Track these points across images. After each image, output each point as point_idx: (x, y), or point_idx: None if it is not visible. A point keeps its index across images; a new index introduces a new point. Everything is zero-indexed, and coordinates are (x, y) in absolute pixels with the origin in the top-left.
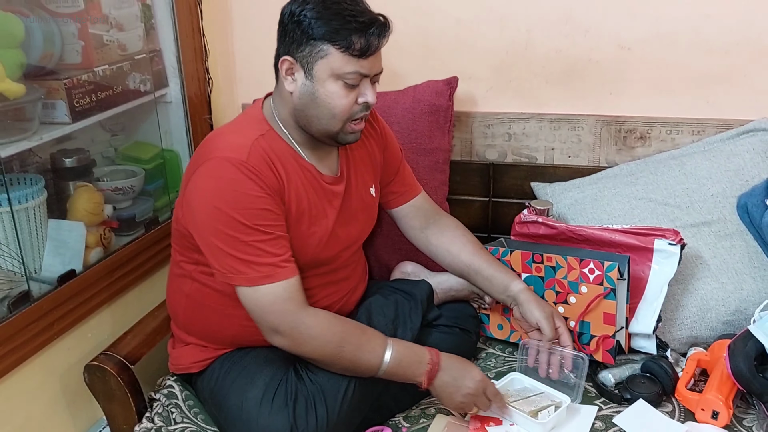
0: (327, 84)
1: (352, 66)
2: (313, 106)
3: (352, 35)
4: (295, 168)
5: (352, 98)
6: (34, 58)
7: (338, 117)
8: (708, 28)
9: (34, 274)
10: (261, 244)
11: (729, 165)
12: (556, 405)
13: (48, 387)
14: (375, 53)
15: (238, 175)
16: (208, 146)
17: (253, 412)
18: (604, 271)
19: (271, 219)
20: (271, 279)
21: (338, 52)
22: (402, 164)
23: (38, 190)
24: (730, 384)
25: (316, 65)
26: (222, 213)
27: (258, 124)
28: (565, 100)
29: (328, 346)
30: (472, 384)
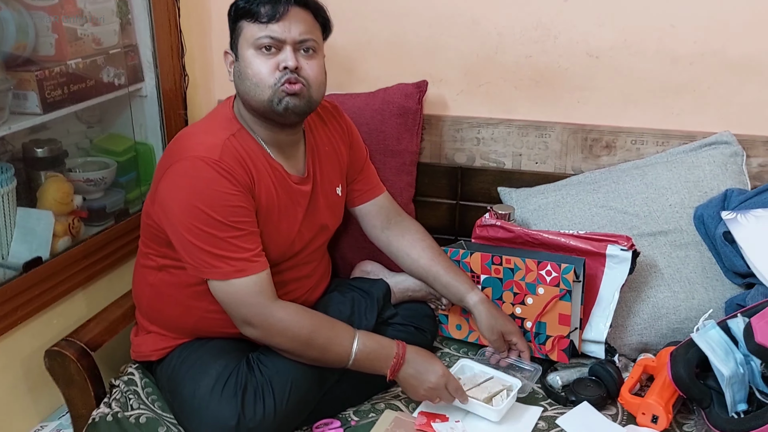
0: (247, 56)
1: (261, 31)
2: (241, 83)
3: (259, 5)
4: (265, 166)
5: (272, 65)
6: (7, 48)
7: (261, 85)
8: (673, 38)
9: (1, 260)
10: (235, 240)
11: (689, 176)
12: (507, 389)
13: (9, 372)
14: (285, 17)
15: (212, 173)
16: (180, 145)
17: (204, 400)
18: (561, 273)
19: (245, 215)
20: (244, 273)
21: (249, 23)
22: (367, 163)
23: (8, 178)
24: (672, 390)
25: (239, 44)
26: (197, 210)
27: (228, 123)
28: (533, 106)
29: (297, 338)
30: (434, 378)
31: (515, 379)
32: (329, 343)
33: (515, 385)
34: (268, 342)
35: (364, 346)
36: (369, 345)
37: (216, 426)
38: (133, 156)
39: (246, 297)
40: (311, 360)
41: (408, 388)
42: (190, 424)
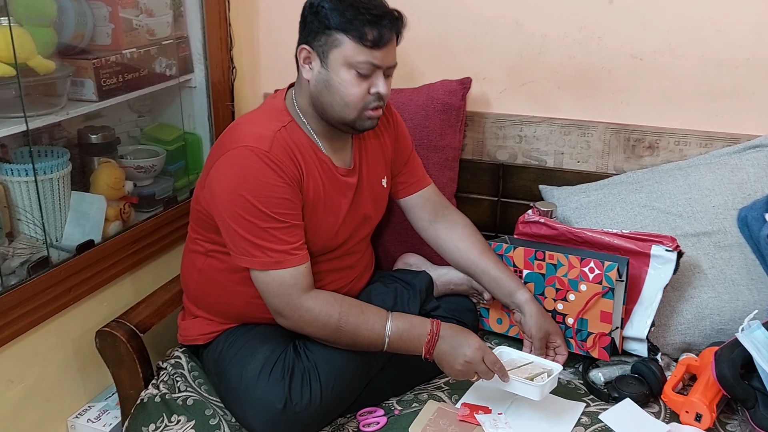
0: (340, 72)
1: (364, 56)
2: (327, 94)
3: (365, 26)
4: (313, 159)
5: (365, 88)
6: (66, 37)
7: (351, 105)
8: (719, 42)
9: (55, 242)
10: (276, 232)
11: (733, 178)
12: (548, 372)
13: (61, 350)
14: (387, 46)
15: (260, 164)
16: (232, 135)
17: (251, 384)
18: (604, 270)
19: (288, 208)
20: (281, 265)
21: (351, 41)
22: (412, 155)
23: (63, 162)
24: (716, 389)
25: (331, 54)
26: (243, 199)
27: (280, 115)
28: (576, 106)
29: (327, 326)
30: (470, 352)
31: (555, 364)
32: (359, 329)
33: (555, 369)
34: (301, 332)
35: (397, 327)
36: (402, 326)
37: (263, 409)
38: (181, 145)
39: (279, 288)
40: (346, 346)
41: (444, 365)
42: (237, 407)
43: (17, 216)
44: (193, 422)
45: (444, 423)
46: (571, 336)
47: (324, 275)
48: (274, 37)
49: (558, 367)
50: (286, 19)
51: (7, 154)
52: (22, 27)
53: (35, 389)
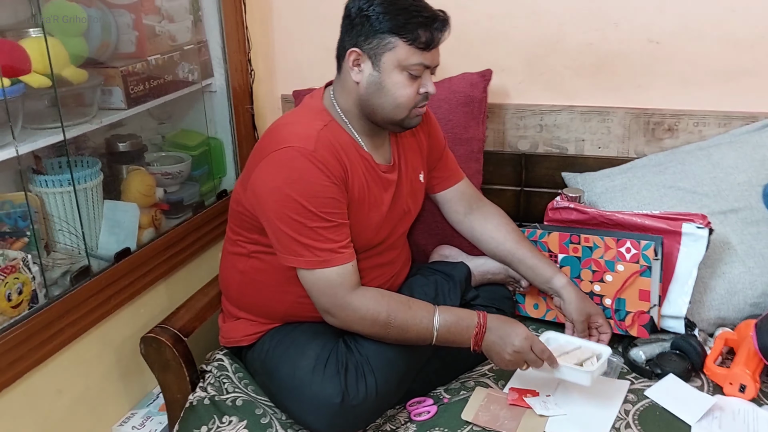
0: (393, 74)
1: (417, 58)
2: (378, 96)
3: (418, 29)
4: (356, 157)
5: (415, 88)
6: (93, 46)
7: (403, 106)
8: (734, 22)
9: (92, 251)
10: (323, 231)
11: (755, 155)
12: (597, 356)
13: (104, 358)
14: (437, 46)
15: (306, 164)
16: (275, 136)
17: (305, 380)
18: (641, 249)
19: (335, 207)
20: (328, 264)
21: (405, 44)
22: (446, 150)
23: (95, 171)
24: (757, 360)
25: (384, 57)
26: (290, 199)
27: (320, 114)
28: (595, 92)
29: (374, 325)
30: (518, 342)
31: (604, 347)
32: (408, 324)
33: (605, 352)
34: (349, 329)
35: (445, 321)
36: (449, 319)
37: (320, 404)
38: (205, 150)
39: (327, 287)
40: (395, 341)
41: (493, 356)
42: (292, 404)
43: (54, 227)
44: (245, 422)
45: (495, 408)
46: (610, 316)
47: (367, 272)
48: (288, 38)
49: (607, 351)
50: (300, 21)
51: (40, 165)
52: (55, 38)
53: (81, 398)
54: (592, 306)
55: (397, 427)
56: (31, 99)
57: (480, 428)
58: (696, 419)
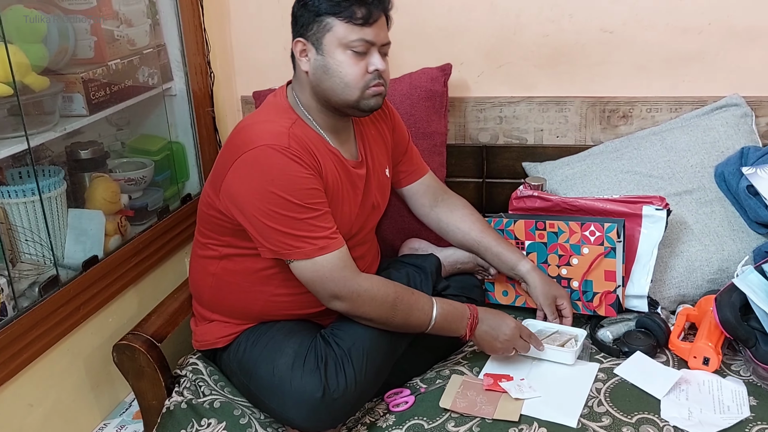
0: (336, 54)
1: (356, 34)
2: (326, 78)
3: (353, 6)
4: (325, 152)
5: (362, 67)
6: (51, 52)
7: (352, 85)
8: (682, 10)
9: (58, 261)
10: (313, 221)
11: (705, 138)
12: (574, 338)
13: (74, 370)
14: (377, 22)
15: (283, 159)
16: (245, 136)
17: (285, 376)
18: (605, 232)
19: (319, 197)
20: (327, 250)
21: (342, 22)
22: (410, 144)
23: (59, 180)
24: (718, 333)
25: (325, 39)
26: (274, 195)
27: (286, 113)
28: (552, 83)
29: (383, 306)
30: (508, 330)
31: (579, 330)
32: (411, 309)
33: (581, 335)
34: (356, 312)
35: (443, 309)
36: (446, 308)
37: (302, 399)
38: (167, 154)
39: (332, 272)
40: (396, 326)
41: (484, 344)
42: (274, 402)
43: (18, 237)
44: (224, 423)
45: (472, 394)
46: (578, 298)
47: None
48: (247, 39)
49: (583, 333)
50: (259, 22)
51: (2, 176)
52: (15, 45)
53: (53, 411)
54: (557, 289)
55: (376, 419)
56: None
57: (458, 415)
58: (664, 393)
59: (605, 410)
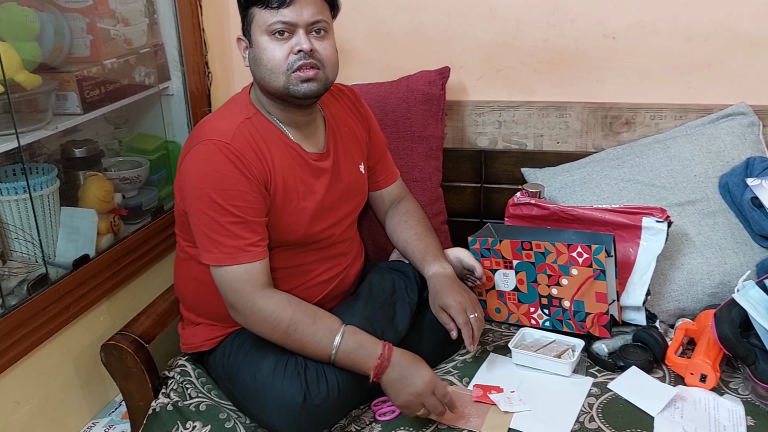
0: (261, 42)
1: (273, 17)
2: (256, 69)
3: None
4: (282, 148)
5: (286, 49)
6: (46, 51)
7: (276, 70)
8: (687, 16)
9: (50, 259)
10: (231, 226)
11: (710, 147)
12: (572, 348)
13: (64, 368)
14: (295, 1)
15: (219, 156)
16: (198, 131)
17: (267, 382)
18: (592, 254)
19: (246, 201)
20: (234, 261)
21: (260, 9)
22: (386, 151)
23: (51, 178)
24: (717, 349)
25: (252, 30)
26: (203, 192)
27: (245, 108)
28: (553, 88)
29: (276, 330)
30: (420, 384)
31: (578, 340)
32: (307, 339)
33: (578, 345)
34: (251, 329)
35: (346, 345)
36: (351, 344)
37: (282, 405)
38: (163, 154)
39: (232, 282)
40: (294, 351)
41: (391, 392)
42: (255, 407)
43: (9, 235)
44: (209, 427)
45: (460, 405)
46: (570, 318)
47: (316, 264)
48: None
49: (580, 343)
50: None
51: None
52: (6, 42)
53: (41, 409)
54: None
55: (362, 427)
56: None
57: (445, 426)
58: (658, 410)
59: (596, 426)
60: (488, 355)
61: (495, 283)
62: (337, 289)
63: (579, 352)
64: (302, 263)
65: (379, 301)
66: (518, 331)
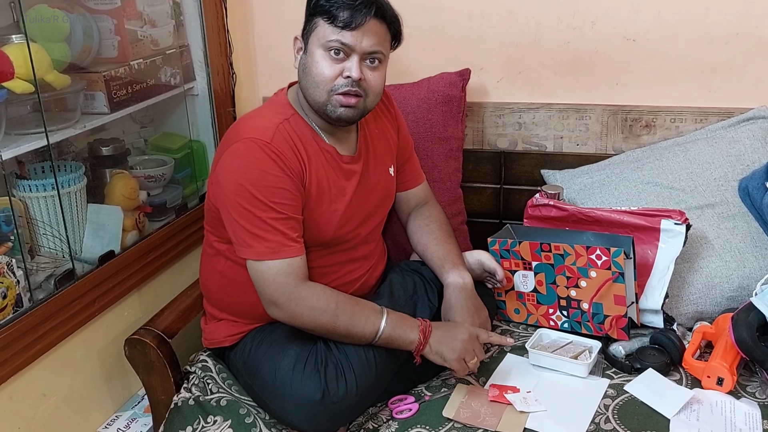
0: (315, 54)
1: (335, 35)
2: (304, 77)
3: (340, 8)
4: (316, 150)
5: (337, 70)
6: (75, 52)
7: (321, 86)
8: (708, 19)
9: (76, 254)
10: (272, 222)
11: (730, 151)
12: (588, 349)
13: (88, 361)
14: (360, 28)
15: (261, 154)
16: (237, 129)
17: (286, 379)
18: (611, 257)
19: (287, 198)
20: (276, 255)
21: (325, 23)
22: (413, 153)
23: (79, 176)
24: (734, 353)
25: (310, 38)
26: (243, 189)
27: (283, 109)
28: (573, 90)
29: (324, 315)
30: (464, 333)
31: (594, 341)
32: (354, 319)
33: (595, 346)
34: (294, 322)
35: (391, 320)
36: (395, 318)
37: (301, 402)
38: (188, 153)
39: (275, 277)
40: (338, 337)
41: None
42: (274, 403)
43: (38, 231)
44: (230, 422)
45: (476, 404)
46: (588, 320)
47: (340, 266)
48: (268, 41)
49: (597, 345)
50: (280, 24)
51: (24, 170)
52: (38, 43)
53: (66, 402)
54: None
55: (379, 425)
56: (14, 105)
57: (461, 425)
58: (674, 412)
59: (612, 428)
60: (505, 356)
61: (514, 284)
62: (359, 291)
63: (596, 354)
64: (327, 264)
65: (400, 302)
66: (535, 331)
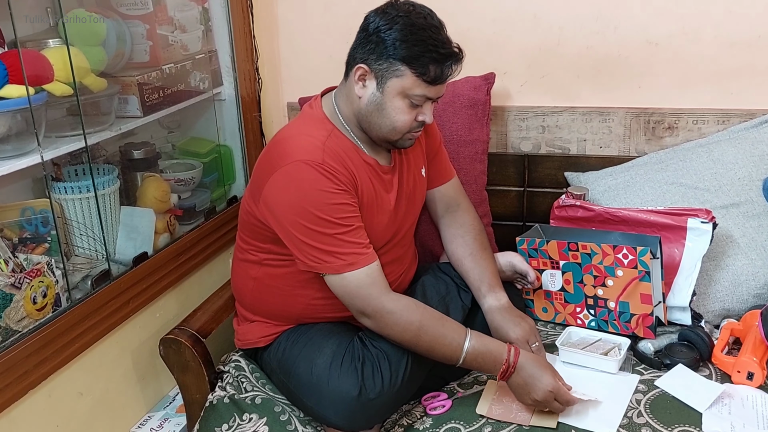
0: (395, 100)
1: (421, 90)
2: (377, 115)
3: (430, 64)
4: (360, 162)
5: (413, 115)
6: (109, 56)
7: (398, 130)
8: (730, 23)
9: (110, 256)
10: (342, 236)
11: (754, 151)
12: (618, 346)
13: (122, 362)
14: (445, 82)
15: (316, 175)
16: (281, 150)
17: (323, 376)
18: (638, 255)
19: (349, 212)
20: (355, 266)
21: (413, 75)
22: (441, 147)
23: (113, 178)
24: (764, 348)
25: (390, 81)
26: (305, 211)
27: (322, 123)
28: (596, 93)
29: (407, 332)
30: (542, 392)
31: (623, 338)
32: (437, 340)
33: (624, 343)
34: (381, 333)
35: (473, 348)
36: (478, 347)
37: (338, 398)
38: (215, 157)
39: (359, 289)
40: (422, 353)
41: (515, 393)
42: (311, 400)
43: (74, 232)
44: (265, 419)
45: (508, 401)
46: (615, 319)
47: None
48: (294, 47)
49: (626, 342)
50: (305, 30)
51: (59, 173)
52: (76, 47)
53: (101, 401)
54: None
55: (413, 421)
56: (52, 108)
57: (494, 421)
58: (706, 406)
59: (645, 421)
60: None
61: (542, 283)
62: None
63: (625, 350)
64: None
65: (432, 303)
66: (564, 329)
